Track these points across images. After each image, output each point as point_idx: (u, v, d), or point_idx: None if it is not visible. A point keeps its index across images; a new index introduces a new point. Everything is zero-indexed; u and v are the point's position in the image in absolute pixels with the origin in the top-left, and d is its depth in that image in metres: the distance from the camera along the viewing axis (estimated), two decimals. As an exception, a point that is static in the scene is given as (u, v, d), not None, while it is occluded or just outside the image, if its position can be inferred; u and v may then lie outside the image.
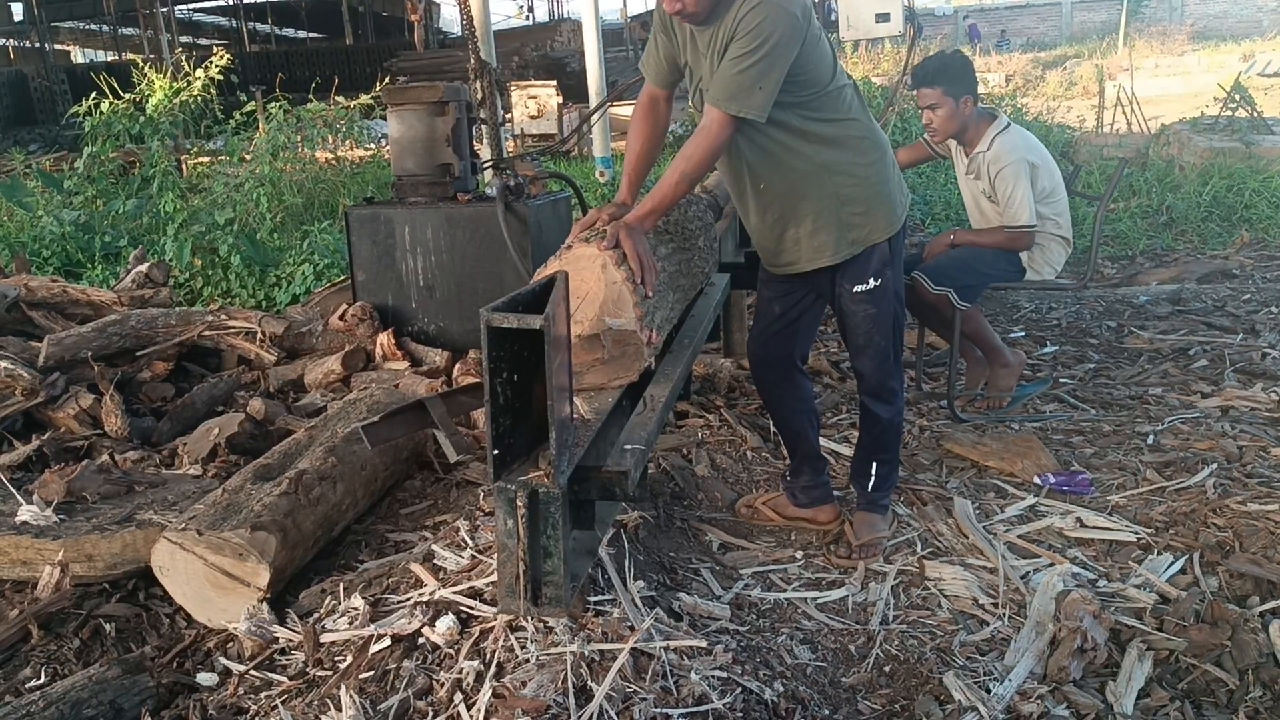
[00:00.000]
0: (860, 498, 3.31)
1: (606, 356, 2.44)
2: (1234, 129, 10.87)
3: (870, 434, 3.24)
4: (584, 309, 2.44)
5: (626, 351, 2.44)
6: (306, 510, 2.97)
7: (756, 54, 2.58)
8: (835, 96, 2.86)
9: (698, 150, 2.70)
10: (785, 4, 2.59)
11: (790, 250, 3.02)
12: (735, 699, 2.21)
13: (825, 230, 2.94)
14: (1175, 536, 3.14)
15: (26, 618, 2.76)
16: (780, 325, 3.22)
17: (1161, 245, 7.61)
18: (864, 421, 3.26)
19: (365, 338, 4.89)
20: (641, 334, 2.43)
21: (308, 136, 10.16)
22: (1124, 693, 2.40)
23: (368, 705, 2.20)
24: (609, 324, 2.42)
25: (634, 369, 2.48)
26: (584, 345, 2.42)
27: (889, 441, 3.24)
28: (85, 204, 8.81)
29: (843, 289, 3.03)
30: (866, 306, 3.02)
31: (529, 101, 15.36)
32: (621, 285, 2.42)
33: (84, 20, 36.75)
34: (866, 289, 3.00)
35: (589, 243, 2.51)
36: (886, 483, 3.27)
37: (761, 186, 2.96)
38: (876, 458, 3.23)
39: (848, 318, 3.07)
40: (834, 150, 2.89)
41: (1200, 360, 4.76)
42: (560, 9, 40.17)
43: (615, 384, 2.48)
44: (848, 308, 3.05)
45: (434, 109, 4.93)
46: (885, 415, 3.18)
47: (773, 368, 3.27)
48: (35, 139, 24.18)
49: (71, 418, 4.13)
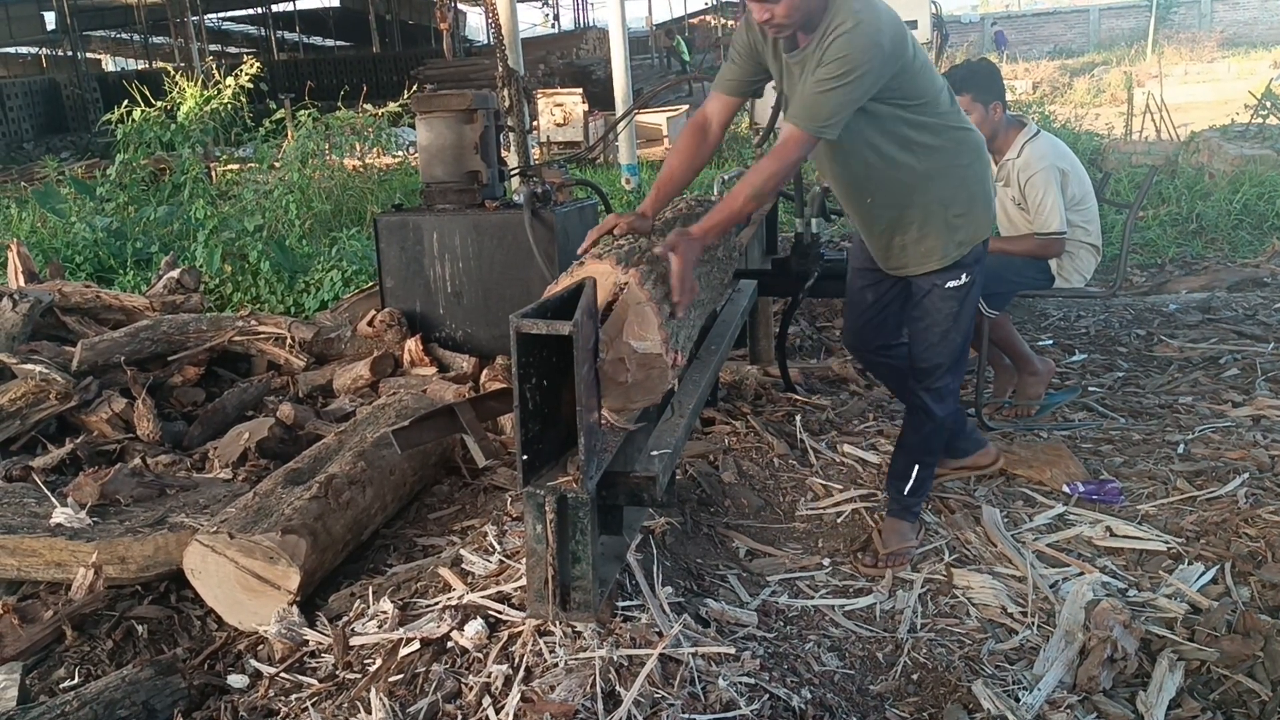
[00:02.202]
0: (894, 502, 3.30)
1: (630, 380, 2.30)
2: (1265, 136, 10.77)
3: (919, 434, 3.24)
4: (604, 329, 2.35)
5: (651, 375, 2.31)
6: (336, 514, 3.00)
7: (840, 81, 2.58)
8: (935, 102, 2.88)
9: (772, 166, 2.69)
10: (874, 35, 2.57)
11: (898, 255, 3.07)
12: (763, 705, 2.21)
13: (933, 236, 2.98)
14: (1206, 546, 3.11)
15: (61, 619, 2.79)
16: (873, 314, 3.30)
17: (1191, 253, 7.55)
18: (914, 421, 3.27)
19: (393, 343, 4.92)
20: (667, 356, 2.30)
21: (336, 144, 10.25)
22: (1155, 703, 2.38)
23: (397, 708, 2.21)
24: (634, 347, 2.28)
25: (658, 391, 2.36)
26: (607, 368, 2.28)
27: (935, 444, 3.25)
28: (117, 210, 8.91)
29: (935, 285, 3.05)
30: (952, 303, 3.05)
31: (555, 109, 15.44)
32: (646, 305, 2.27)
33: (115, 29, 37.24)
34: (957, 284, 3.04)
35: (601, 259, 2.40)
36: (923, 488, 3.28)
37: (869, 201, 3.00)
38: (920, 459, 3.24)
39: (930, 313, 3.09)
40: (936, 157, 2.91)
41: (1231, 369, 4.72)
42: (586, 17, 40.34)
43: (637, 407, 2.36)
44: (934, 303, 3.07)
45: (462, 116, 4.96)
46: (940, 414, 3.19)
47: (875, 351, 3.39)
48: (67, 146, 24.52)
49: (104, 421, 4.18)
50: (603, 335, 2.21)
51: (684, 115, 17.39)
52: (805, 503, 3.55)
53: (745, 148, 13.03)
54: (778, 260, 4.42)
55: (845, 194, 3.06)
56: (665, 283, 2.41)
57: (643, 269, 2.35)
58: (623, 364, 2.27)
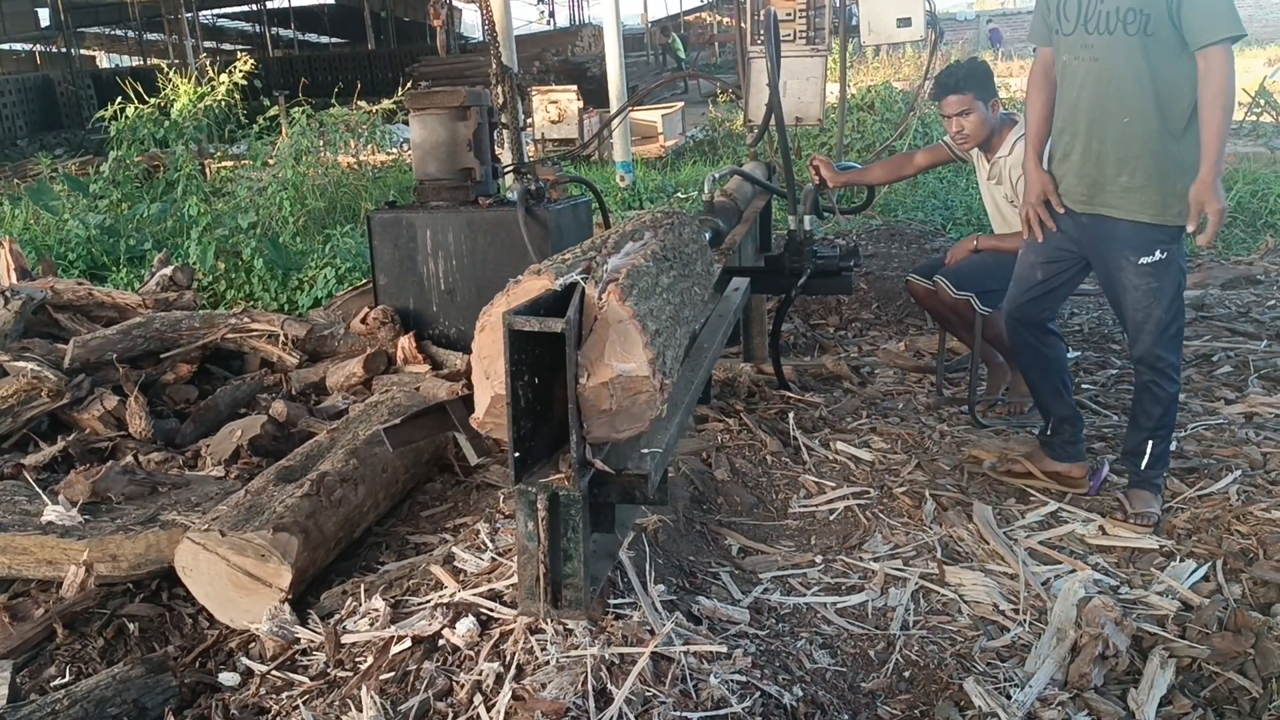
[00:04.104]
0: (1133, 475, 3.35)
1: (614, 406, 2.07)
2: (1259, 134, 10.82)
3: (1149, 414, 3.28)
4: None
5: (637, 400, 2.07)
6: (328, 512, 2.99)
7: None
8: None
9: (1223, 87, 2.83)
10: None
11: (1112, 193, 3.10)
12: (754, 703, 2.21)
13: (1154, 190, 3.04)
14: (1198, 543, 3.12)
15: (52, 617, 2.79)
16: (1040, 291, 3.38)
17: (1185, 250, 7.54)
18: (1142, 401, 3.30)
19: (386, 341, 4.92)
20: (654, 379, 2.06)
21: (330, 141, 10.22)
22: (1146, 700, 2.39)
23: (388, 706, 2.21)
24: (617, 369, 2.04)
25: (645, 418, 2.12)
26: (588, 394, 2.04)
27: (1168, 419, 3.28)
28: (110, 207, 8.90)
29: (1126, 262, 3.09)
30: (1150, 280, 3.09)
31: (550, 106, 15.40)
32: (629, 323, 2.04)
33: (109, 26, 37.14)
34: (1152, 261, 3.07)
35: (540, 274, 2.13)
36: (1161, 461, 3.31)
37: (1126, 120, 3.03)
38: (1154, 436, 3.27)
39: (1127, 292, 3.12)
40: (1194, 121, 2.97)
41: (1224, 366, 4.73)
42: (581, 14, 40.30)
43: (623, 437, 2.13)
44: (1128, 281, 3.11)
45: (456, 114, 4.95)
46: (1167, 392, 3.22)
47: (1030, 329, 3.45)
48: (61, 143, 24.43)
49: (96, 419, 4.17)
50: (581, 359, 2.02)
51: (679, 113, 17.38)
52: (798, 500, 3.56)
53: (740, 145, 13.03)
54: (771, 257, 4.42)
55: (1099, 98, 3.08)
56: (649, 296, 2.24)
57: (622, 283, 2.08)
58: (605, 389, 2.04)
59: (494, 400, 2.06)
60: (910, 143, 10.68)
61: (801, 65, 5.67)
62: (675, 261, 2.63)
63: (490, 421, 2.09)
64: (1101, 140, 3.09)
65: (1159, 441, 3.27)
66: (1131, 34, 2.95)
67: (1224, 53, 2.82)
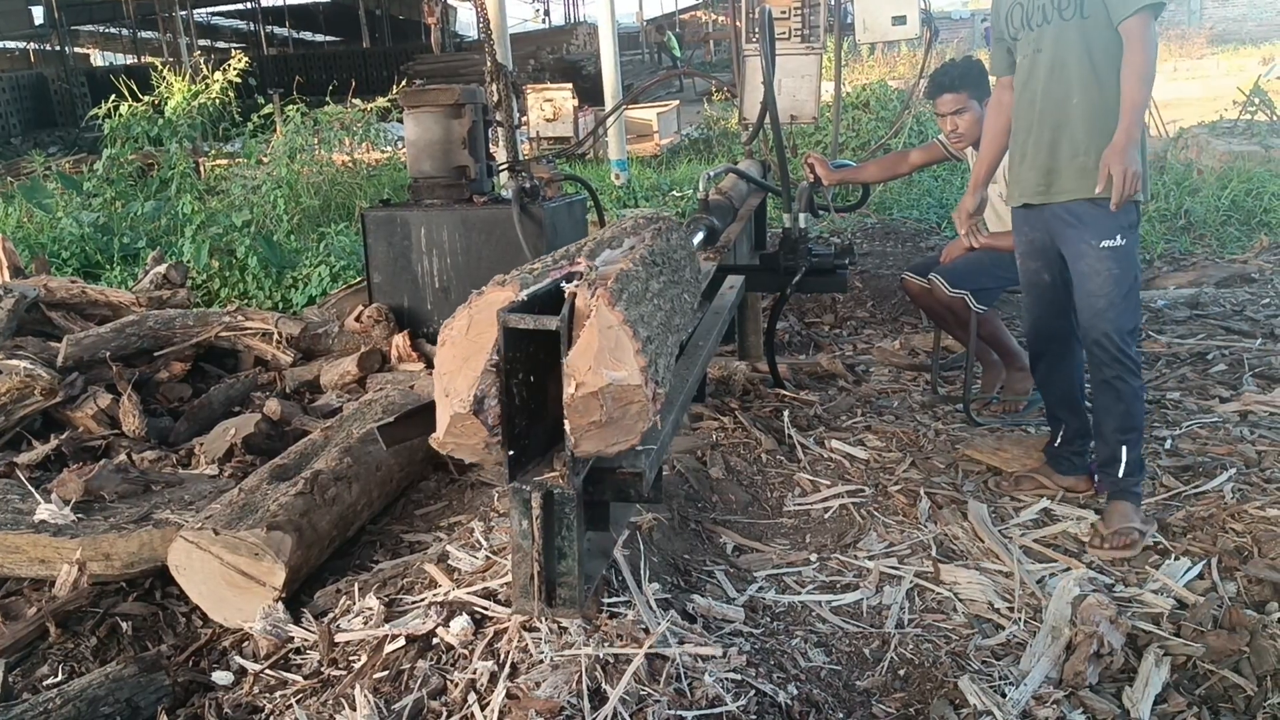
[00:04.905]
0: (1111, 486, 3.28)
1: (604, 418, 1.96)
2: (1253, 132, 10.82)
3: (1113, 413, 3.21)
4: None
5: (629, 412, 1.96)
6: (322, 510, 2.98)
7: None
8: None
9: (1147, 57, 2.91)
10: None
11: (1068, 176, 3.14)
12: (749, 701, 2.21)
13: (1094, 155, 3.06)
14: (1193, 541, 3.12)
15: (44, 615, 2.78)
16: (1053, 293, 3.35)
17: (1179, 249, 7.56)
18: (1104, 400, 3.23)
19: (381, 339, 4.91)
20: (646, 388, 1.95)
21: (324, 139, 10.21)
22: (1141, 698, 2.39)
23: (382, 705, 2.20)
24: (608, 378, 1.93)
25: (637, 430, 2.02)
26: (577, 406, 1.93)
27: (1135, 417, 3.21)
28: (104, 206, 8.87)
29: (1088, 246, 3.10)
30: (1111, 265, 3.08)
31: (545, 104, 15.39)
32: (619, 329, 1.94)
33: (104, 24, 37.04)
34: (1113, 245, 3.08)
35: (504, 285, 2.04)
36: (1137, 466, 3.24)
37: (1075, 101, 3.09)
38: (1124, 439, 3.21)
39: (1089, 279, 3.13)
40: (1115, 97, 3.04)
41: (1219, 365, 4.73)
42: (576, 12, 40.26)
43: (614, 450, 2.02)
44: (1089, 267, 3.11)
45: (450, 111, 4.95)
46: (1130, 385, 3.17)
47: (1055, 340, 3.42)
48: (55, 141, 24.38)
49: (90, 417, 4.16)
50: (568, 368, 1.93)
51: (674, 111, 17.37)
52: (793, 498, 3.55)
53: (735, 143, 13.03)
54: (766, 256, 4.41)
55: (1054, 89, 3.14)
56: (640, 302, 2.16)
57: (611, 286, 1.99)
58: (595, 399, 1.94)
59: (453, 420, 1.94)
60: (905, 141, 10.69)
61: (796, 63, 5.66)
62: (665, 267, 2.54)
63: (451, 442, 1.99)
64: (1055, 127, 3.15)
65: (1131, 446, 3.21)
66: (1068, 18, 3.06)
67: (1142, 22, 2.89)
